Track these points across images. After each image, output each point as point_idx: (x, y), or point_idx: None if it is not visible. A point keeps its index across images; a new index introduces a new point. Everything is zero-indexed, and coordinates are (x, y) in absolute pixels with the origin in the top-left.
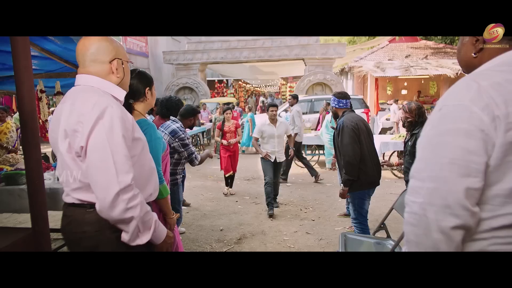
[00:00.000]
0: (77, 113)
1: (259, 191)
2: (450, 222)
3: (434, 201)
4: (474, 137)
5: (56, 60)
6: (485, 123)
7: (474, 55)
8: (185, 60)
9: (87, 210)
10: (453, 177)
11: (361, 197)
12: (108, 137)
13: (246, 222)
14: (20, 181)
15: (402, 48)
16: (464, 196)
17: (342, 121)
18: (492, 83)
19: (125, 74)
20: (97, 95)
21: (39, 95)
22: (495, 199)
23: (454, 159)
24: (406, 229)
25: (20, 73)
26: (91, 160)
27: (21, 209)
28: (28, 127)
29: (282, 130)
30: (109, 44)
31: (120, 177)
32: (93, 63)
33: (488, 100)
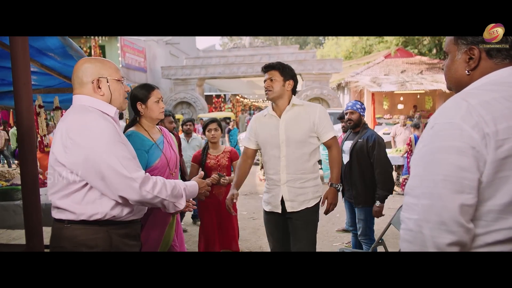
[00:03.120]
0: (67, 129)
1: (257, 206)
2: (446, 239)
3: (429, 218)
4: (466, 154)
5: (55, 75)
6: (476, 140)
7: (468, 72)
8: (183, 75)
9: (64, 226)
10: (447, 193)
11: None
12: (106, 147)
13: (243, 238)
14: (16, 197)
15: (397, 64)
16: (459, 213)
17: (374, 134)
18: (481, 101)
19: (112, 92)
20: (86, 112)
21: (38, 110)
22: (488, 215)
23: (448, 175)
24: (403, 246)
25: (20, 89)
26: (102, 173)
27: (15, 225)
28: (25, 143)
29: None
30: (91, 65)
31: (134, 174)
32: (79, 85)
33: (477, 118)
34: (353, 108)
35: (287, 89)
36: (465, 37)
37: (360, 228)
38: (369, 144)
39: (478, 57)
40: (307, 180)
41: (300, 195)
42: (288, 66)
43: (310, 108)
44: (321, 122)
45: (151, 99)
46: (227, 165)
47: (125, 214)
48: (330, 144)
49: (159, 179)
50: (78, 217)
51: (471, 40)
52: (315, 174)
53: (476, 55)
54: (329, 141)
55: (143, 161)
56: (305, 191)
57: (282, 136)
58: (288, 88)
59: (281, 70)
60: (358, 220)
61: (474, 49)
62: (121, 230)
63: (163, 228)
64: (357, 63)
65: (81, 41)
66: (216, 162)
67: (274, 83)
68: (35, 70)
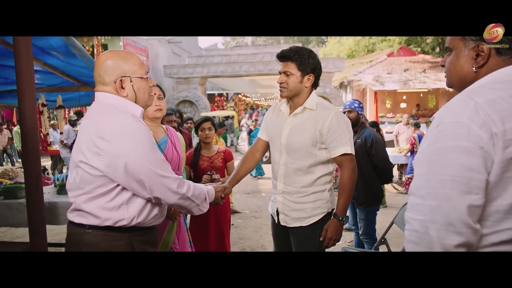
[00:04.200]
0: (99, 130)
1: (259, 205)
2: (454, 240)
3: (436, 219)
4: (474, 154)
5: (58, 74)
6: (484, 140)
7: (475, 70)
8: (186, 74)
9: (85, 231)
10: (455, 194)
11: (375, 212)
12: (144, 152)
13: (246, 237)
14: (19, 195)
15: (400, 62)
16: (467, 214)
17: (371, 133)
18: (488, 100)
19: (137, 91)
20: (118, 112)
21: (41, 109)
22: (494, 215)
23: (455, 176)
24: (408, 247)
25: (23, 87)
26: (142, 177)
27: (19, 223)
28: (28, 141)
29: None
30: (113, 62)
31: (171, 176)
32: (101, 84)
33: (485, 118)
34: (351, 107)
35: (306, 85)
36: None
37: (362, 228)
38: (368, 144)
39: (487, 54)
40: (306, 195)
41: (294, 211)
42: (309, 54)
43: (323, 113)
44: (330, 132)
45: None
46: (221, 166)
47: (149, 219)
48: (340, 162)
49: (189, 182)
50: (103, 222)
51: (479, 36)
52: (319, 187)
53: (486, 51)
54: (340, 158)
55: None
56: (302, 207)
57: (283, 140)
58: (307, 84)
59: (299, 62)
60: (359, 220)
61: (483, 45)
62: (142, 236)
63: (162, 231)
64: (360, 62)
65: (84, 40)
66: (210, 164)
67: (289, 79)
68: (38, 69)
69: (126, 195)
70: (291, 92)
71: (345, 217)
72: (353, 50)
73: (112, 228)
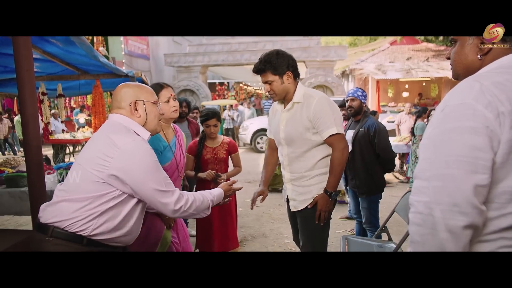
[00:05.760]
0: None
1: None
2: (459, 221)
3: (440, 200)
4: (480, 134)
5: (58, 62)
6: (490, 120)
7: (480, 57)
8: (186, 62)
9: (46, 238)
10: (461, 174)
11: (377, 200)
12: (150, 173)
13: (247, 225)
14: (21, 183)
15: (403, 51)
16: (473, 194)
17: (374, 122)
18: (494, 82)
19: (148, 114)
20: (129, 133)
21: (41, 98)
22: (501, 196)
23: (461, 156)
24: (411, 230)
25: (22, 75)
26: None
27: (22, 211)
28: (29, 130)
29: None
30: (130, 89)
31: (170, 193)
32: (117, 107)
33: (491, 98)
34: (354, 95)
35: (288, 82)
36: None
37: (364, 217)
38: (371, 133)
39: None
40: (312, 177)
41: (301, 195)
42: (277, 57)
43: (308, 101)
44: (317, 117)
45: (160, 100)
46: (225, 158)
47: (116, 237)
48: (330, 143)
49: (190, 196)
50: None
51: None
52: (321, 170)
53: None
54: (329, 139)
55: None
56: (308, 190)
57: (282, 134)
58: (289, 81)
59: (272, 68)
60: (362, 209)
61: None
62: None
63: (160, 229)
64: (362, 50)
65: None
66: (214, 155)
67: (272, 86)
68: (37, 57)
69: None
70: (280, 95)
71: (334, 192)
72: (355, 39)
73: (74, 238)
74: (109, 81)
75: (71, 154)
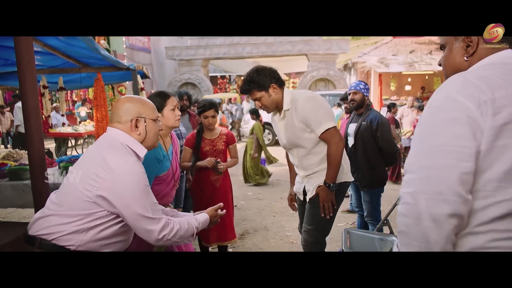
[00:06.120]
0: (103, 162)
1: (262, 186)
2: (443, 209)
3: (425, 189)
4: (461, 123)
5: (59, 55)
6: (471, 109)
7: (466, 59)
8: (188, 55)
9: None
10: (445, 163)
11: (379, 194)
12: (139, 198)
13: (248, 218)
14: (24, 176)
15: (406, 44)
16: (457, 182)
17: (377, 115)
18: (478, 76)
19: (148, 131)
20: (126, 154)
21: (42, 91)
22: (488, 184)
23: (445, 145)
24: (398, 220)
25: (23, 68)
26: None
27: (25, 204)
28: (31, 123)
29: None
30: (132, 105)
31: (156, 221)
32: (117, 121)
33: (473, 89)
34: (356, 88)
35: (275, 93)
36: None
37: (366, 210)
38: (373, 126)
39: (476, 43)
40: (321, 171)
41: (315, 184)
42: (257, 73)
43: (295, 104)
44: (306, 118)
45: (167, 107)
46: (223, 149)
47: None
48: (324, 139)
49: (176, 224)
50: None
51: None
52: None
53: (474, 41)
54: (322, 136)
55: (154, 172)
56: (321, 180)
57: (284, 141)
58: (275, 92)
59: (256, 86)
60: (364, 202)
61: (471, 36)
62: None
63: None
64: (365, 43)
65: None
66: (212, 147)
67: (262, 101)
68: (38, 50)
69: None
70: (271, 107)
71: (333, 184)
72: None
73: (61, 250)
74: (111, 74)
75: (73, 148)
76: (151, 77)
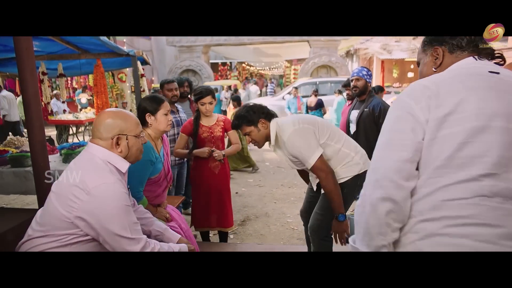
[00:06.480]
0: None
1: (263, 174)
2: (377, 194)
3: (369, 179)
4: (402, 119)
5: (57, 41)
6: (411, 106)
7: (435, 69)
8: (188, 42)
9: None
10: (384, 154)
11: None
12: (115, 212)
13: (250, 205)
14: (26, 163)
15: None
16: (392, 169)
17: (380, 102)
18: (430, 78)
19: (130, 147)
20: (105, 173)
21: (41, 78)
22: (435, 171)
23: (388, 139)
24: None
25: (21, 54)
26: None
27: (27, 190)
28: (31, 109)
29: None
30: (113, 121)
31: (135, 241)
32: (98, 138)
33: (419, 88)
34: (359, 74)
35: (264, 128)
36: (429, 41)
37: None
38: (376, 113)
39: (442, 55)
40: (334, 167)
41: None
42: (247, 109)
43: (282, 142)
44: (295, 155)
45: (160, 112)
46: (221, 136)
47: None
48: (314, 172)
49: (156, 244)
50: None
51: (433, 42)
52: (340, 161)
53: (440, 53)
54: (312, 169)
55: (148, 173)
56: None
57: (289, 164)
58: (264, 126)
59: (245, 121)
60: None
61: (437, 48)
62: None
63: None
64: None
65: None
66: (210, 134)
67: (252, 135)
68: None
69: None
70: (261, 142)
71: (341, 215)
72: None
73: None
74: (110, 61)
75: (74, 135)
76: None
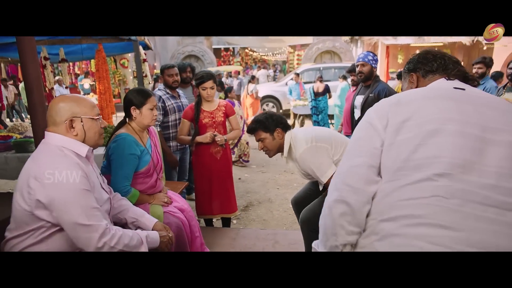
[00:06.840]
0: (36, 173)
1: (266, 159)
2: (332, 196)
3: (331, 187)
4: (363, 129)
5: None
6: (372, 117)
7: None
8: None
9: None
10: (344, 161)
11: None
12: (68, 198)
13: (253, 190)
14: (30, 149)
15: None
16: (346, 174)
17: (385, 87)
18: (400, 94)
19: (87, 130)
20: (59, 157)
21: (43, 62)
22: (395, 173)
23: (349, 148)
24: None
25: (22, 38)
26: (65, 220)
27: None
28: (34, 95)
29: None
30: (65, 104)
31: (93, 228)
32: (52, 124)
33: (382, 102)
34: (365, 59)
35: (279, 138)
36: (407, 70)
37: None
38: (381, 98)
39: (416, 80)
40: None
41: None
42: (266, 116)
43: (295, 156)
44: (308, 170)
45: (146, 106)
46: (223, 121)
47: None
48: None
49: (118, 230)
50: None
51: (409, 70)
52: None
53: (415, 79)
54: (325, 186)
55: (133, 166)
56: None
57: (302, 178)
58: (280, 136)
59: (262, 127)
60: None
61: (412, 75)
62: None
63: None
64: None
65: None
66: (211, 119)
67: (265, 142)
68: None
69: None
70: (273, 151)
71: None
72: None
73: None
74: (112, 45)
75: None
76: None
